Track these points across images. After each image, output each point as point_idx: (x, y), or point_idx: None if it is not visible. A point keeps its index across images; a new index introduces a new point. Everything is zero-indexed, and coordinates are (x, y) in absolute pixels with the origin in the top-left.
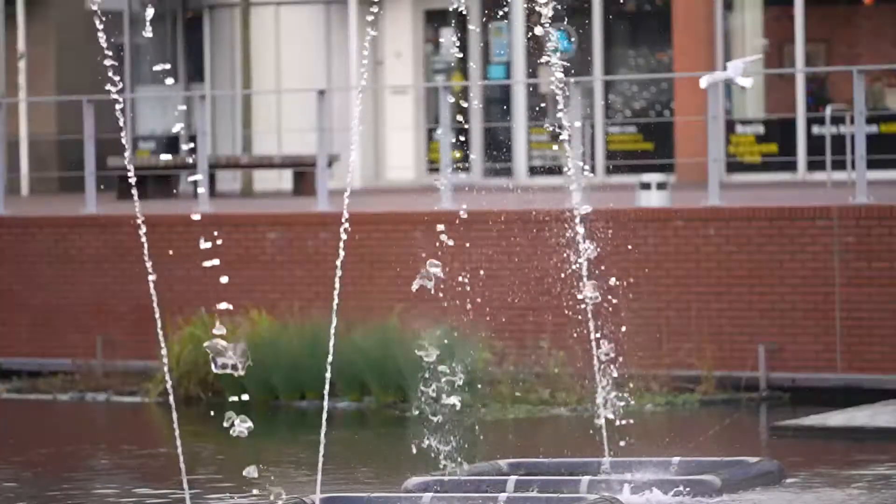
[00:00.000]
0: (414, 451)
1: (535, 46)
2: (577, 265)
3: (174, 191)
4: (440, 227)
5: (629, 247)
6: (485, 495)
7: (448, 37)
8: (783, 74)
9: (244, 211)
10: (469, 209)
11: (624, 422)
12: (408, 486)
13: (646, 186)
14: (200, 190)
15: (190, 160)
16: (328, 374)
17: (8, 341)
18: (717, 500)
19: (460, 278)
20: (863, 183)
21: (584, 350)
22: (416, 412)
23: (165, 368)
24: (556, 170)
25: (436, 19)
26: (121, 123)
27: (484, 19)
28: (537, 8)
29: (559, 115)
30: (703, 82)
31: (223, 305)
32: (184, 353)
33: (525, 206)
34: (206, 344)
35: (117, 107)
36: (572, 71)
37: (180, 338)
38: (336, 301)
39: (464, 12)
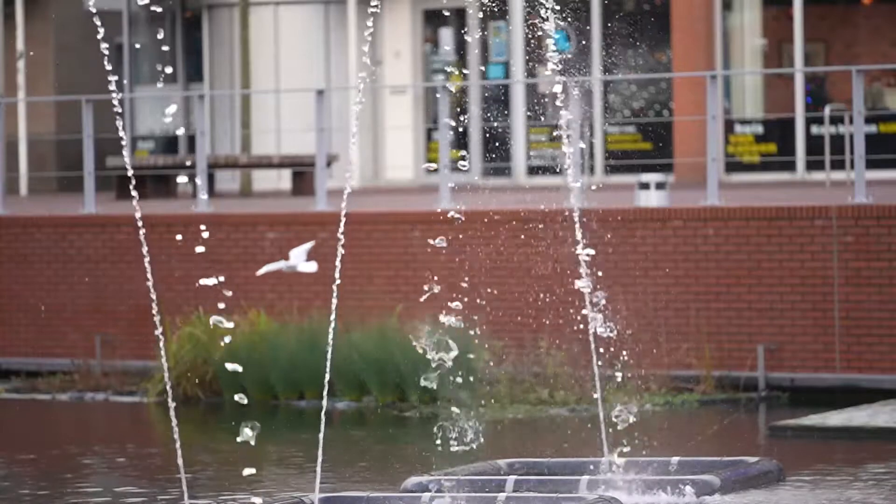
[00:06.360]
0: (413, 451)
1: (534, 46)
2: (576, 265)
3: (173, 190)
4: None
5: (627, 246)
6: (484, 495)
7: (447, 37)
8: (782, 74)
9: (243, 211)
10: (467, 209)
11: (623, 422)
12: (407, 485)
13: (645, 186)
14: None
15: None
16: (327, 374)
17: (7, 341)
18: (717, 499)
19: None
20: (861, 183)
21: (583, 350)
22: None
23: (164, 368)
24: (554, 169)
25: (435, 19)
26: (119, 123)
27: (482, 18)
28: (537, 7)
29: (559, 112)
30: (261, 272)
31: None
32: (182, 353)
33: (523, 206)
34: None
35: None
36: (571, 70)
37: (179, 337)
38: (335, 301)
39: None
